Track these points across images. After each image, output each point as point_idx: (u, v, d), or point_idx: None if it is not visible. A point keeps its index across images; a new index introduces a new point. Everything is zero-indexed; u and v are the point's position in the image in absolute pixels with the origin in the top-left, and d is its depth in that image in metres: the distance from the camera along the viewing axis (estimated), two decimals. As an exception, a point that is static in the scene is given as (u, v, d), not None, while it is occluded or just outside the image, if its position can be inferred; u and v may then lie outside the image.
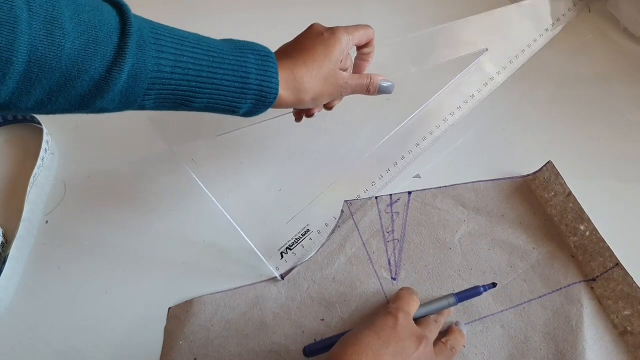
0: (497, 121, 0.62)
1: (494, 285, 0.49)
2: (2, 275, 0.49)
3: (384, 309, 0.44)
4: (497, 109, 0.62)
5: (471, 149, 0.60)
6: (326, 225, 0.54)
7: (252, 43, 0.41)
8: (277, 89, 0.41)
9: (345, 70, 0.46)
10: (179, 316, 0.49)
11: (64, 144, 0.58)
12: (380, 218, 0.54)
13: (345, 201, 0.54)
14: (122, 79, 0.34)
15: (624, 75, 0.65)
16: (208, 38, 0.40)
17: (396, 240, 0.53)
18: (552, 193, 0.54)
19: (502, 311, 0.49)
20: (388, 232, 0.53)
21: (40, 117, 0.57)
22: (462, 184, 0.56)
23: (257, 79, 0.40)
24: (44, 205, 0.55)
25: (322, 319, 0.49)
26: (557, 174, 0.54)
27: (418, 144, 0.57)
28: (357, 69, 0.51)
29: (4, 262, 0.49)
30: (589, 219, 0.51)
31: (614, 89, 0.64)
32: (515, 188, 0.56)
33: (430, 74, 0.57)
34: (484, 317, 0.49)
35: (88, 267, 0.52)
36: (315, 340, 0.48)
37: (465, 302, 0.49)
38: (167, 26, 0.37)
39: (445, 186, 0.56)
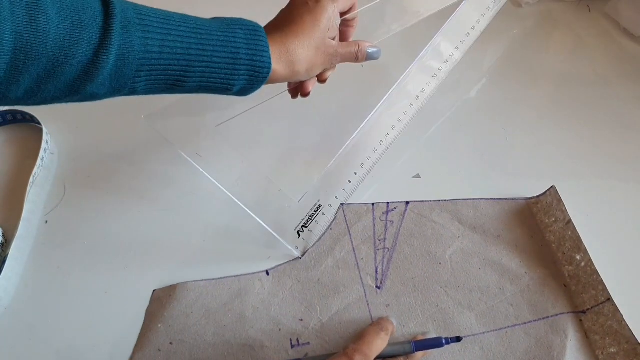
0: (498, 121, 0.61)
1: (458, 339, 0.46)
2: (2, 275, 0.49)
3: (342, 351, 0.43)
4: (498, 108, 0.62)
5: (471, 149, 0.59)
6: (336, 198, 0.54)
7: (240, 19, 0.41)
8: (269, 63, 0.41)
9: (332, 39, 0.46)
10: (161, 299, 0.49)
11: (64, 144, 0.59)
12: (374, 225, 0.54)
13: (342, 204, 0.54)
14: (110, 61, 0.34)
15: (624, 75, 0.64)
16: (194, 17, 0.39)
17: (386, 249, 0.53)
18: (553, 219, 0.52)
19: (483, 333, 0.48)
20: (380, 240, 0.53)
21: (40, 117, 0.58)
22: (462, 199, 0.55)
23: (247, 54, 0.40)
24: (44, 205, 0.55)
25: (301, 319, 0.49)
26: (559, 200, 0.52)
27: (412, 105, 0.56)
28: (342, 36, 0.50)
29: (4, 262, 0.49)
30: (585, 249, 0.49)
31: (614, 89, 0.63)
32: (517, 210, 0.54)
33: (413, 32, 0.55)
34: (464, 336, 0.48)
35: (88, 267, 0.52)
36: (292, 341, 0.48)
37: (447, 320, 0.49)
38: (151, 7, 0.37)
39: (445, 200, 0.55)
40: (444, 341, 0.46)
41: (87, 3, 0.33)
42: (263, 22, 0.44)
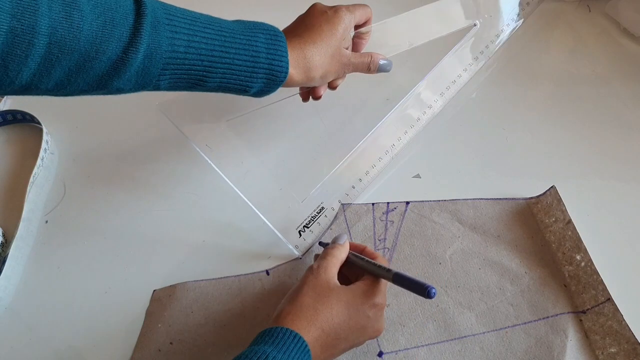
0: (497, 121, 0.61)
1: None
2: (2, 275, 0.49)
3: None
4: (497, 108, 0.62)
5: (471, 149, 0.59)
6: (339, 202, 0.54)
7: (262, 23, 0.42)
8: (287, 68, 0.42)
9: (346, 49, 0.47)
10: (161, 299, 0.49)
11: (64, 144, 0.59)
12: (374, 225, 0.54)
13: (342, 204, 0.54)
14: (138, 59, 0.35)
15: (624, 75, 0.64)
16: (219, 19, 0.41)
17: (387, 249, 0.53)
18: (553, 219, 0.52)
19: (483, 333, 0.48)
20: (380, 240, 0.53)
21: (40, 117, 0.58)
22: (462, 199, 0.55)
23: (267, 58, 0.41)
24: (44, 205, 0.55)
25: (301, 319, 0.49)
26: (559, 200, 0.52)
27: (419, 119, 0.58)
28: (355, 48, 0.51)
29: (4, 262, 0.49)
30: (585, 249, 0.49)
31: (614, 89, 0.63)
32: (517, 210, 0.54)
33: (422, 52, 0.57)
34: (464, 336, 0.48)
35: (88, 267, 0.52)
36: None
37: (447, 319, 0.49)
38: (179, 7, 0.39)
39: (445, 200, 0.55)
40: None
41: (120, 1, 0.34)
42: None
